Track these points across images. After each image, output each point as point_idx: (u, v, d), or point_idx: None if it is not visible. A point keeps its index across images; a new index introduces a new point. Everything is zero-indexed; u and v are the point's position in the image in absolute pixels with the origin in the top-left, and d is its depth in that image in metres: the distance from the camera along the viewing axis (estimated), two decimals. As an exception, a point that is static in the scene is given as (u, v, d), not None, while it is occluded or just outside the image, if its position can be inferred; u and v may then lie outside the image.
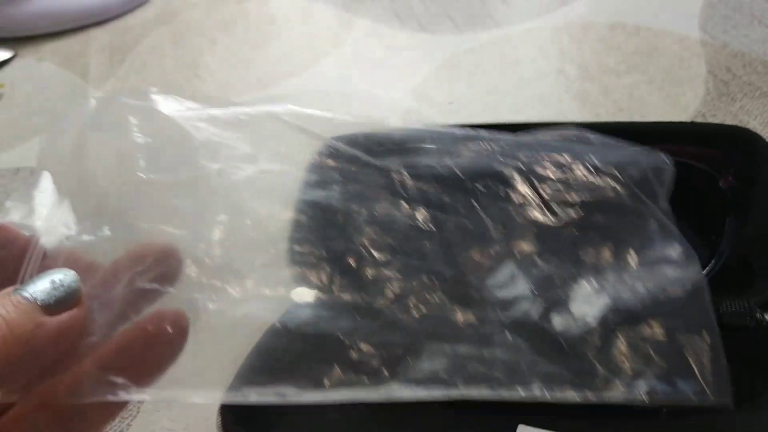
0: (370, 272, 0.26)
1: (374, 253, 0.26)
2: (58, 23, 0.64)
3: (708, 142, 0.32)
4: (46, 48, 0.62)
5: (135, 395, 0.19)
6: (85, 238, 0.21)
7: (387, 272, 0.25)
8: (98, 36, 0.64)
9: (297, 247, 0.33)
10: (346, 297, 0.25)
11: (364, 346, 0.23)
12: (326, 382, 0.23)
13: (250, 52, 0.57)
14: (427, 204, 0.26)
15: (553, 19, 0.53)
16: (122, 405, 0.20)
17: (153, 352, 0.20)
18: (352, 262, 0.26)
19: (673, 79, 0.44)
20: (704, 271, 0.28)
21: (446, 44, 0.53)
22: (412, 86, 0.49)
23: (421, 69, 0.50)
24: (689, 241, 0.30)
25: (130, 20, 0.65)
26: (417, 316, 0.24)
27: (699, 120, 0.40)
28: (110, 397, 0.18)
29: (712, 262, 0.28)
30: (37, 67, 0.60)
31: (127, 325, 0.20)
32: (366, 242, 0.26)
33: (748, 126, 0.39)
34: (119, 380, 0.19)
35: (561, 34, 0.51)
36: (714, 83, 0.43)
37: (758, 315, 0.26)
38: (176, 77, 0.55)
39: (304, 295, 0.31)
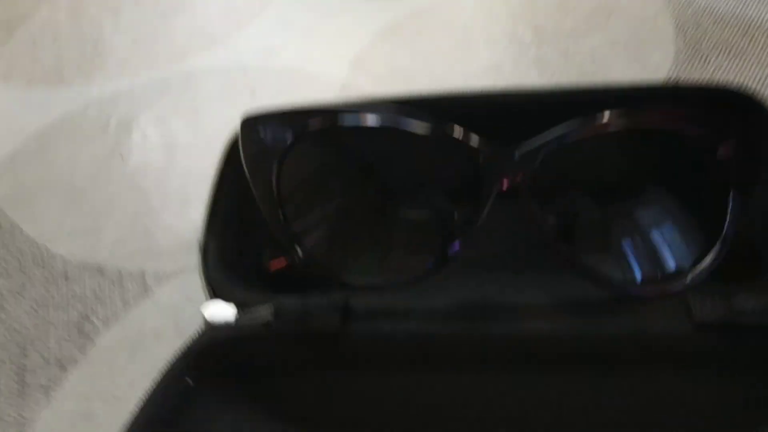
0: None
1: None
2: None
3: (696, 105, 0.27)
4: None
5: None
6: None
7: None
8: (-20, 11, 0.55)
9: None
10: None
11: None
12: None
13: (158, 23, 0.49)
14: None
15: (501, -22, 0.48)
16: None
17: None
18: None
19: (638, 40, 0.40)
20: (708, 259, 0.23)
21: (385, 8, 0.46)
22: (347, 57, 0.43)
23: (357, 37, 0.44)
24: (686, 224, 0.25)
25: (20, -8, 0.56)
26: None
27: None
28: None
29: (716, 247, 0.23)
30: None
31: None
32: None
33: (727, 87, 0.35)
34: None
35: (511, -6, 0.46)
36: (684, 42, 0.39)
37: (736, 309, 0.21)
38: (72, 55, 0.47)
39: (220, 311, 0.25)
